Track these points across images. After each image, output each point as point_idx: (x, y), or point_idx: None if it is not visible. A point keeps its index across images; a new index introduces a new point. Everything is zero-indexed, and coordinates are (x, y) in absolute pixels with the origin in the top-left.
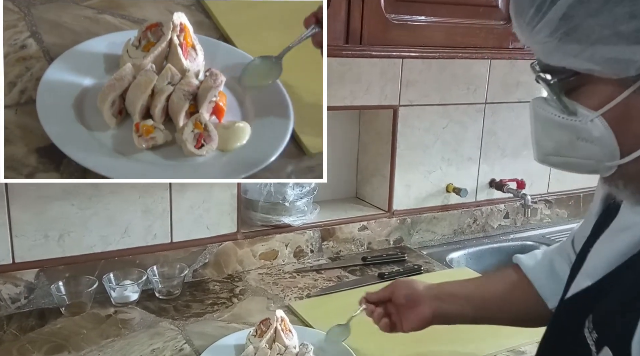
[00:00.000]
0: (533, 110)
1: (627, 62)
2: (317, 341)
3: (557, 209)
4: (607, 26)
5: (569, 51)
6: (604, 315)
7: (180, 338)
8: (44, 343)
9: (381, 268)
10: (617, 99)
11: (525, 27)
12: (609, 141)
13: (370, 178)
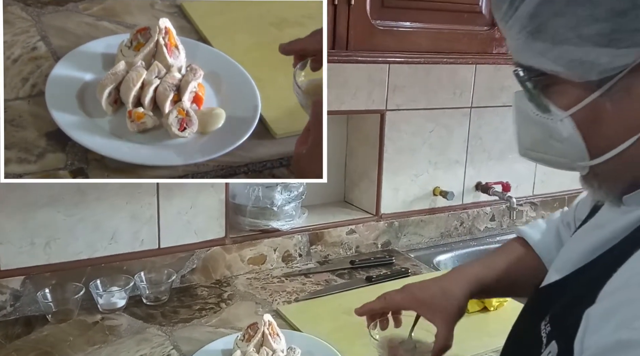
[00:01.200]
0: (515, 103)
1: (590, 64)
2: (305, 344)
3: (542, 211)
4: (571, 27)
5: (536, 50)
6: (559, 311)
7: (167, 343)
8: (30, 351)
9: (369, 271)
10: (584, 101)
11: (500, 21)
12: (576, 142)
13: (358, 181)
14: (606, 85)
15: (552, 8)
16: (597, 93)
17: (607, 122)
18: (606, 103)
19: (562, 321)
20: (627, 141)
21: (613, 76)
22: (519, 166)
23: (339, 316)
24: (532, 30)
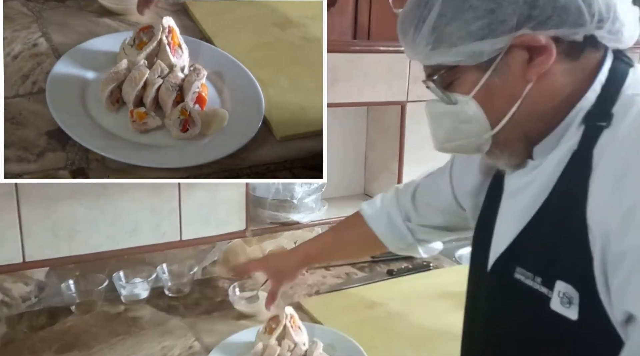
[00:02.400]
0: (427, 110)
1: (480, 52)
2: (326, 337)
3: None
4: (461, 29)
5: (441, 53)
6: (535, 261)
7: (189, 335)
8: (55, 342)
9: (390, 264)
10: (481, 82)
11: (410, 42)
12: (480, 117)
13: (378, 174)
14: (492, 65)
15: (445, 19)
16: (488, 73)
17: (498, 95)
18: (495, 79)
19: (554, 264)
20: (514, 105)
21: (495, 57)
22: None
23: (360, 310)
24: (435, 39)
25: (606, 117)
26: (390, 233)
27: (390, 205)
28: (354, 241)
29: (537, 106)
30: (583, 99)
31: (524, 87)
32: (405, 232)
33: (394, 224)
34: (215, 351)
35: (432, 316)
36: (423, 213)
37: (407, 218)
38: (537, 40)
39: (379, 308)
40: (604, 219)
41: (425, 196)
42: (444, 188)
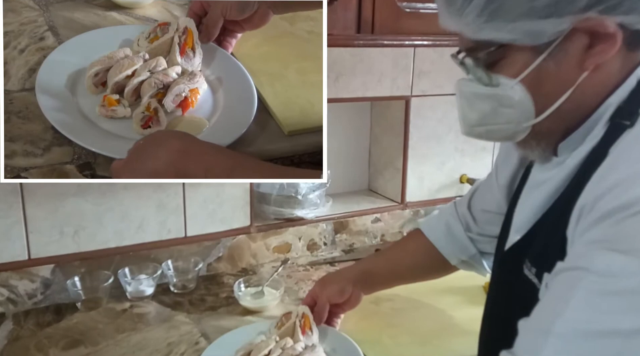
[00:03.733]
0: (458, 89)
1: (541, 32)
2: (333, 342)
3: None
4: (524, 3)
5: (494, 28)
6: (537, 255)
7: (195, 331)
8: (61, 338)
9: None
10: (533, 65)
11: (455, 13)
12: (526, 103)
13: (383, 170)
14: (549, 48)
15: None
16: (543, 56)
17: (550, 81)
18: (549, 64)
19: (545, 259)
20: (564, 94)
21: (555, 39)
22: None
23: (365, 306)
24: (491, 12)
25: (632, 116)
26: (450, 243)
27: (448, 215)
28: (412, 255)
29: (585, 97)
30: (614, 94)
31: (578, 75)
32: (466, 242)
33: (453, 234)
34: (215, 346)
35: (439, 312)
36: (481, 220)
37: (467, 228)
38: (604, 27)
39: (384, 304)
40: (581, 204)
41: (480, 201)
42: (493, 186)
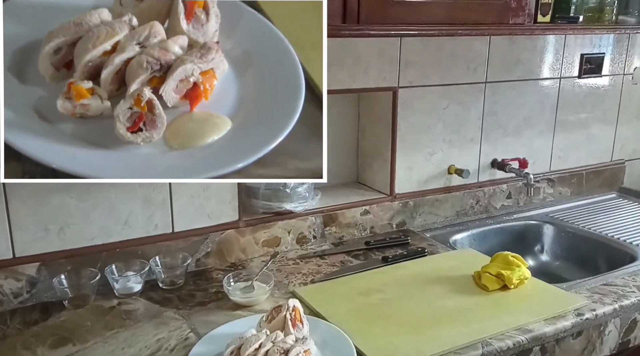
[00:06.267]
0: None
1: None
2: (323, 333)
3: (559, 187)
4: None
5: None
6: None
7: (185, 327)
8: (48, 337)
9: (385, 251)
10: None
11: None
12: None
13: (371, 161)
14: None
15: None
16: None
17: None
18: None
19: None
20: None
21: None
22: (536, 141)
23: (355, 297)
24: None
25: None
26: None
27: None
28: None
29: None
30: None
31: None
32: None
33: None
34: (205, 341)
35: (428, 302)
36: None
37: None
38: None
39: (374, 294)
40: None
41: None
42: None
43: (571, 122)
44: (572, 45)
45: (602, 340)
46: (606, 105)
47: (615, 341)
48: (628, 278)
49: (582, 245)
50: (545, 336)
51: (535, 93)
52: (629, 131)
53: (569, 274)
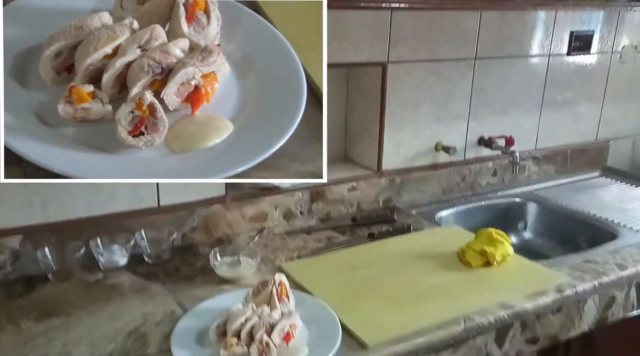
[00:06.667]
0: None
1: None
2: (308, 308)
3: (544, 165)
4: None
5: None
6: None
7: (171, 301)
8: (33, 310)
9: (371, 228)
10: None
11: None
12: None
13: (359, 138)
14: None
15: None
16: None
17: None
18: None
19: None
20: None
21: None
22: (523, 120)
23: (342, 273)
24: None
25: None
26: None
27: None
28: None
29: None
30: None
31: None
32: None
33: None
34: (191, 315)
35: (413, 278)
36: None
37: None
38: None
39: (360, 270)
40: None
41: None
42: None
43: (558, 100)
44: (562, 22)
45: (581, 316)
46: (593, 83)
47: (594, 317)
48: (608, 256)
49: (565, 223)
50: (525, 312)
51: (523, 71)
52: (615, 110)
53: (550, 252)
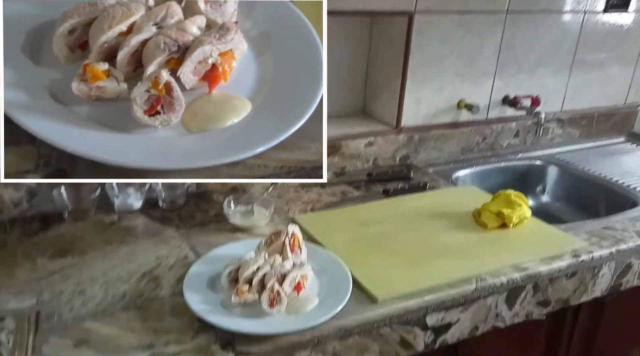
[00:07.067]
0: None
1: None
2: (321, 261)
3: (569, 128)
4: None
5: None
6: None
7: (184, 246)
8: (48, 247)
9: (386, 184)
10: None
11: None
12: None
13: (379, 92)
14: None
15: None
16: None
17: None
18: None
19: None
20: None
21: None
22: (550, 80)
23: (355, 228)
24: None
25: None
26: None
27: None
28: None
29: None
30: None
31: None
32: None
33: None
34: (203, 260)
35: (428, 236)
36: None
37: None
38: None
39: (373, 226)
40: None
41: None
42: None
43: (588, 61)
44: None
45: (594, 282)
46: (627, 45)
47: (607, 284)
48: (628, 223)
49: (585, 188)
50: (539, 275)
51: (556, 28)
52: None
53: (569, 217)
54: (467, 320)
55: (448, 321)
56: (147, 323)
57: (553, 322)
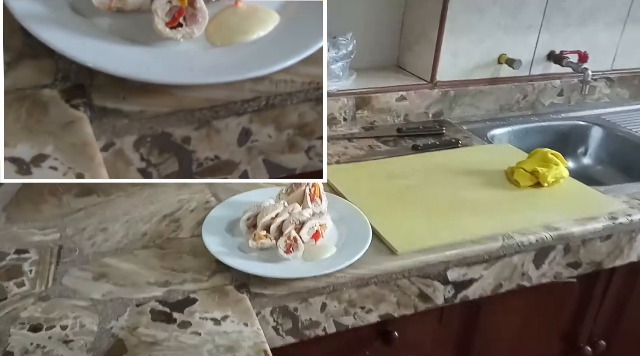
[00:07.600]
0: None
1: None
2: (340, 211)
3: (618, 88)
4: None
5: None
6: None
7: (207, 191)
8: (75, 186)
9: (416, 140)
10: None
11: None
12: None
13: (414, 44)
14: None
15: None
16: None
17: None
18: None
19: None
20: None
21: None
22: (601, 35)
23: (379, 181)
24: None
25: None
26: None
27: None
28: None
29: None
30: None
31: None
32: None
33: None
34: (224, 205)
35: (454, 191)
36: None
37: None
38: None
39: (399, 180)
40: None
41: None
42: None
43: None
44: None
45: (631, 246)
46: None
47: None
48: None
49: (630, 151)
50: (572, 236)
51: None
52: None
53: (610, 181)
54: (490, 276)
55: (470, 277)
56: (165, 261)
57: (583, 285)
